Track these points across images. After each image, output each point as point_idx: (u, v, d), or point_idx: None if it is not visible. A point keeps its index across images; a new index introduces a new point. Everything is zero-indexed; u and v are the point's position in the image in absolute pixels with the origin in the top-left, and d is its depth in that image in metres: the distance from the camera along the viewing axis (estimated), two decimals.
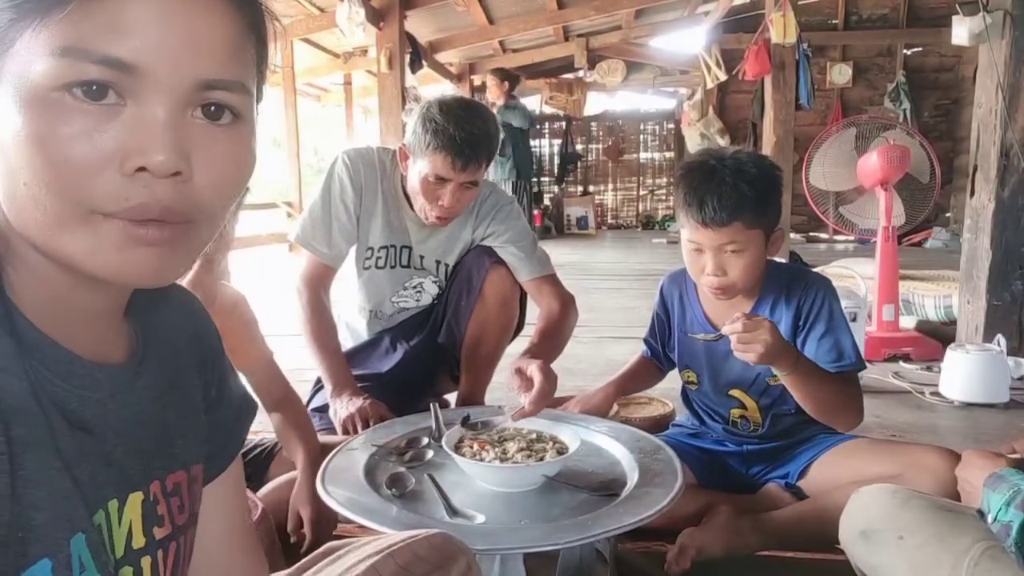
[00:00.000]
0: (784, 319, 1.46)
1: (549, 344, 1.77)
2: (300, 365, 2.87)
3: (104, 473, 0.52)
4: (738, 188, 1.35)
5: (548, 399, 1.40)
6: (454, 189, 1.66)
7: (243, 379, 1.55)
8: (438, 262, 1.90)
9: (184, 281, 1.33)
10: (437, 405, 1.51)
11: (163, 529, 0.57)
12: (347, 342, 1.99)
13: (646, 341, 1.74)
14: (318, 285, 1.81)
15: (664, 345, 1.69)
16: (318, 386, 1.91)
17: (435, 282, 1.93)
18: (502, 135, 1.76)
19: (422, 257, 1.88)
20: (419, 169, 1.67)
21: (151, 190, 0.47)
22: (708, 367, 1.56)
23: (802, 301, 1.45)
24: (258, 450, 1.57)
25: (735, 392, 1.54)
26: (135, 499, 0.54)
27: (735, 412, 1.56)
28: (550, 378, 1.42)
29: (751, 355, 1.26)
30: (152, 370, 0.59)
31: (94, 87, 0.45)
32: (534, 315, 1.98)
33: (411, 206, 1.82)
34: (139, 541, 0.54)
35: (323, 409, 1.78)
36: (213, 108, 0.50)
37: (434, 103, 1.66)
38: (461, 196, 1.69)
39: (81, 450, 0.50)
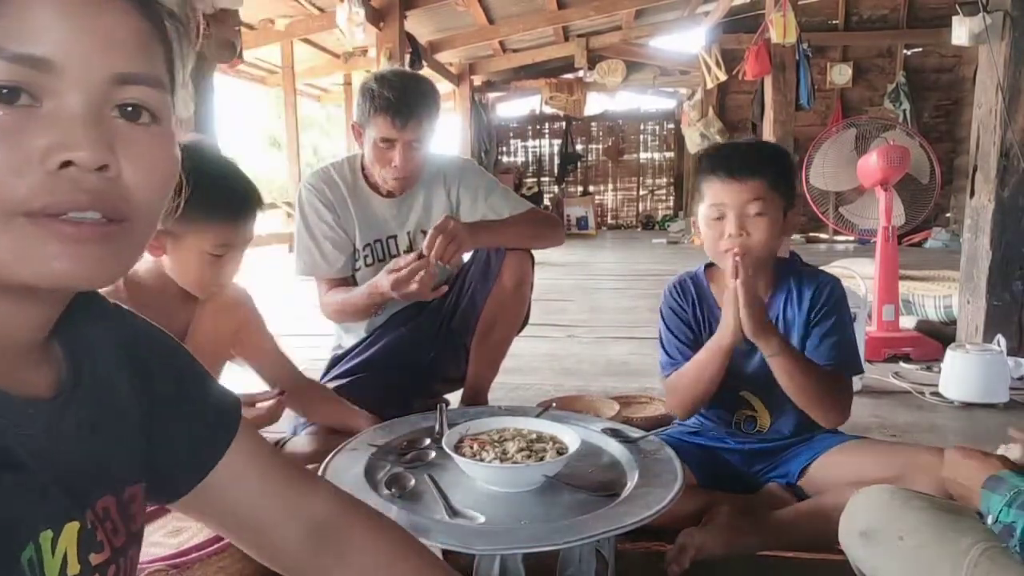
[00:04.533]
0: (798, 315, 1.50)
1: (500, 225, 1.90)
2: (301, 366, 2.88)
3: (35, 507, 0.50)
4: (760, 151, 1.50)
5: (439, 235, 1.65)
6: (401, 148, 1.78)
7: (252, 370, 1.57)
8: (424, 232, 1.94)
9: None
10: (444, 406, 1.52)
11: (101, 555, 0.56)
12: (346, 342, 2.01)
13: (672, 364, 1.56)
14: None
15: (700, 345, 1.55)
16: (322, 379, 1.95)
17: None
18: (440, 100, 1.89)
19: (409, 233, 1.95)
20: (369, 138, 1.80)
21: (78, 184, 0.47)
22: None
23: (815, 297, 1.50)
24: None
25: (745, 393, 1.55)
26: (71, 529, 0.53)
27: (742, 413, 1.56)
28: (448, 220, 1.69)
29: (749, 320, 1.34)
30: (83, 397, 0.57)
31: (5, 90, 0.45)
32: (537, 313, 1.99)
33: (379, 193, 1.92)
34: (73, 568, 0.53)
35: None
36: (131, 108, 0.51)
37: (371, 76, 1.82)
38: (410, 155, 1.80)
39: (10, 488, 0.49)
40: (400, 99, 1.73)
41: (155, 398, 0.65)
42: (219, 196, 1.27)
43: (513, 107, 12.05)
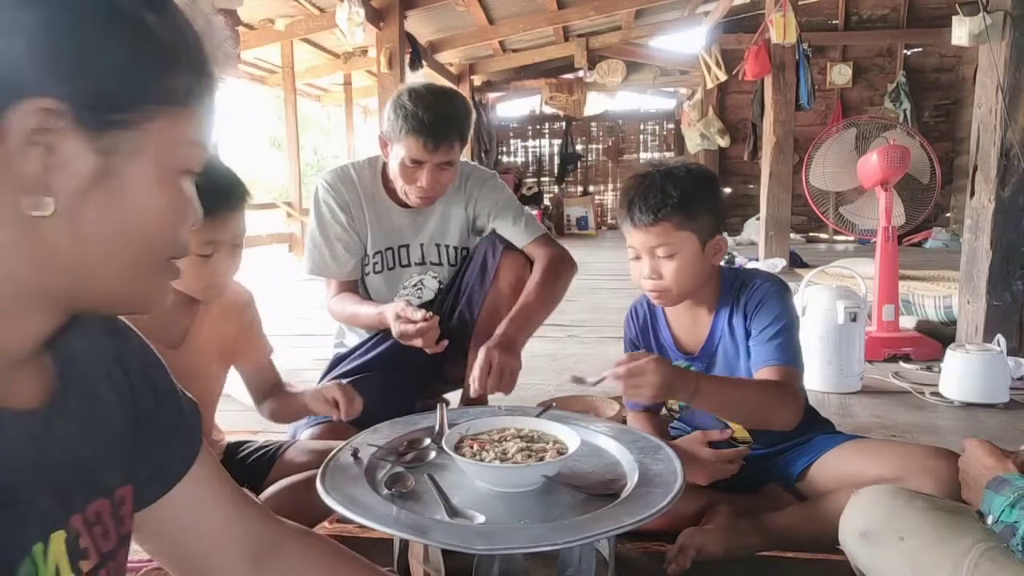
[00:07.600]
0: (739, 326, 1.47)
1: (527, 311, 1.81)
2: (298, 366, 2.88)
3: (24, 520, 0.51)
4: (664, 189, 1.39)
5: (488, 377, 1.53)
6: (430, 170, 1.74)
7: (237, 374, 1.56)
8: (437, 245, 1.94)
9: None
10: (443, 406, 1.51)
11: (89, 561, 0.57)
12: (349, 340, 2.01)
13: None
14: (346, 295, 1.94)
15: None
16: (322, 379, 1.94)
17: (435, 277, 1.96)
18: (474, 116, 1.85)
19: (422, 245, 1.94)
20: (396, 154, 1.76)
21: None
22: None
23: (747, 304, 1.46)
24: (259, 452, 1.57)
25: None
26: (58, 538, 0.54)
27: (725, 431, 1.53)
28: (489, 356, 1.55)
29: (641, 397, 1.27)
30: (71, 406, 0.59)
31: None
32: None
33: (397, 202, 1.89)
34: None
35: None
36: None
37: (404, 91, 1.74)
38: (438, 177, 1.76)
39: (2, 504, 0.50)
40: (434, 122, 1.67)
41: (136, 410, 0.68)
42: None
43: (513, 107, 12.04)
